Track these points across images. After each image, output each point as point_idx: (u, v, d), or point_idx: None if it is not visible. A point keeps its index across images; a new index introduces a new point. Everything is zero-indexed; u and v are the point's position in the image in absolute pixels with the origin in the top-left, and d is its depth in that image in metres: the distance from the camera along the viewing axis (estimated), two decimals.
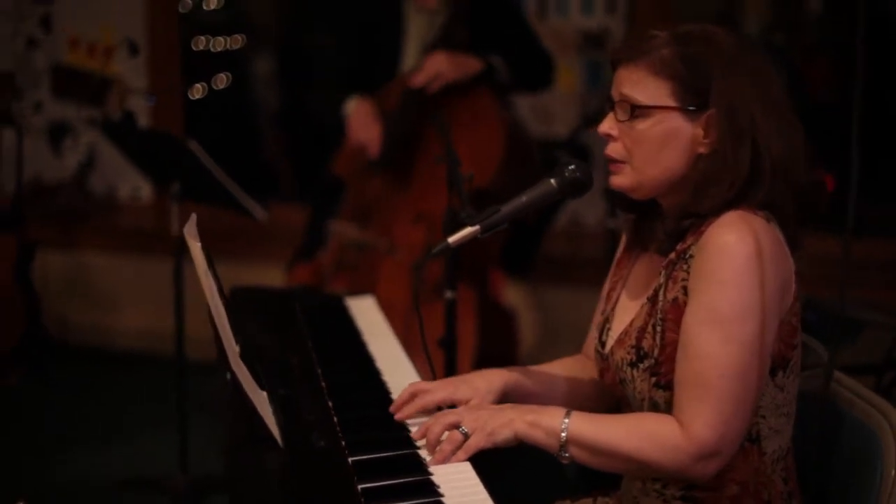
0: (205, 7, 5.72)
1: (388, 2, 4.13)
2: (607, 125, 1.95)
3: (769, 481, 1.94)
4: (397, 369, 2.37)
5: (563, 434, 1.86)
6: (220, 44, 5.81)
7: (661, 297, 1.91)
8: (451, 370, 2.88)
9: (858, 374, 2.14)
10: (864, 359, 3.20)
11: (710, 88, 1.86)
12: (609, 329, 2.06)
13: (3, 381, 4.87)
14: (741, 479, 1.92)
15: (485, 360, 3.69)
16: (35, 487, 3.95)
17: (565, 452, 1.87)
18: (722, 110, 1.86)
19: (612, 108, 1.94)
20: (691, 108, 1.87)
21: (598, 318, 2.15)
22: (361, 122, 3.98)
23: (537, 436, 1.88)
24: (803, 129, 1.91)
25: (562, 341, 4.73)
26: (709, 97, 1.86)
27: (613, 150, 1.95)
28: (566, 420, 1.87)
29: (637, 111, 1.89)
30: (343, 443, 1.94)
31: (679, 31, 1.91)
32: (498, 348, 3.97)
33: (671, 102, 1.88)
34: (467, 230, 2.02)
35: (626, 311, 2.03)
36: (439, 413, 1.96)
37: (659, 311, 1.91)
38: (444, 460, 1.87)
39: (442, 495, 1.76)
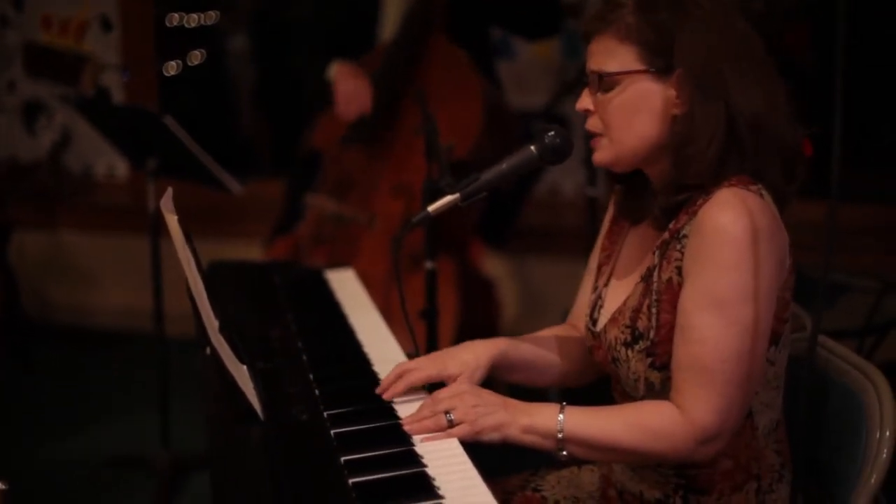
0: None
1: None
2: (584, 101, 1.94)
3: (761, 455, 1.93)
4: (378, 341, 2.35)
5: (560, 434, 1.84)
6: (194, 20, 5.76)
7: (655, 278, 1.88)
8: (432, 341, 2.87)
9: (838, 338, 2.13)
10: (843, 323, 3.20)
11: (674, 47, 1.83)
12: (601, 307, 2.03)
13: None
14: (734, 454, 1.90)
15: (466, 331, 3.68)
16: (16, 467, 3.92)
17: (562, 451, 1.85)
18: (687, 67, 1.83)
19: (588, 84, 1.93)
20: (659, 69, 1.85)
21: (586, 290, 2.13)
22: (350, 85, 3.90)
23: (532, 440, 1.86)
24: (786, 88, 1.88)
25: (543, 310, 4.73)
26: (674, 56, 1.84)
27: (591, 124, 1.93)
28: (561, 417, 1.84)
29: (606, 81, 1.88)
30: (325, 415, 1.93)
31: None
32: (479, 318, 3.96)
33: (638, 66, 1.86)
34: (447, 198, 2.00)
35: (619, 289, 2.00)
36: (431, 400, 1.91)
37: (654, 293, 1.88)
38: (421, 430, 1.85)
39: (425, 465, 1.75)
